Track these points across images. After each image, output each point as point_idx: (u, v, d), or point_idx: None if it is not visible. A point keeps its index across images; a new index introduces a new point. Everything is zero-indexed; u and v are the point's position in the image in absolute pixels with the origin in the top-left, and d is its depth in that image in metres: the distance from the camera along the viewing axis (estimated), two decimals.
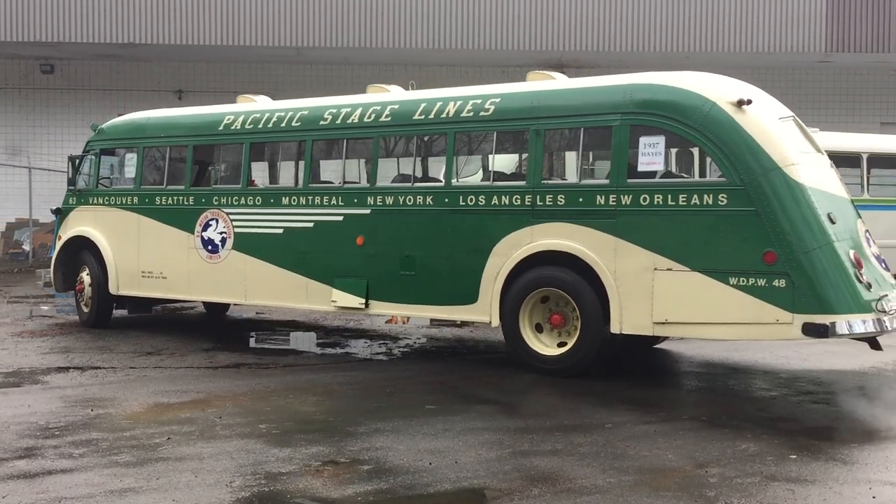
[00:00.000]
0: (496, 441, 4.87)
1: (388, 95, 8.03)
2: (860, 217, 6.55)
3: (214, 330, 9.48)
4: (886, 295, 5.93)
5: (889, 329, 5.86)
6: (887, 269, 6.40)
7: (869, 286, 5.87)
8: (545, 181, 6.83)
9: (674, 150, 6.72)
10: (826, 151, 13.54)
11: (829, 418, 5.53)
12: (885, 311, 5.82)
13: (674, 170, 6.80)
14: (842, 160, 13.17)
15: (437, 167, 7.57)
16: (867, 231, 6.49)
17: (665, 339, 7.84)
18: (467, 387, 6.43)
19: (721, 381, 6.67)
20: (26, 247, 20.96)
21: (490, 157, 7.43)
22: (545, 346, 6.78)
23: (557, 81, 7.22)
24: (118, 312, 9.73)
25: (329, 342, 8.76)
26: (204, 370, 7.08)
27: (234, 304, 9.86)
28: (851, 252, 5.95)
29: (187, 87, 21.81)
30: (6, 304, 11.91)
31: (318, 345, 8.71)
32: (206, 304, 10.24)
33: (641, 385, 6.46)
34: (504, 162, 7.55)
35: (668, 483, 4.14)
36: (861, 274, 5.86)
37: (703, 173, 6.44)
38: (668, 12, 19.55)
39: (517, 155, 7.41)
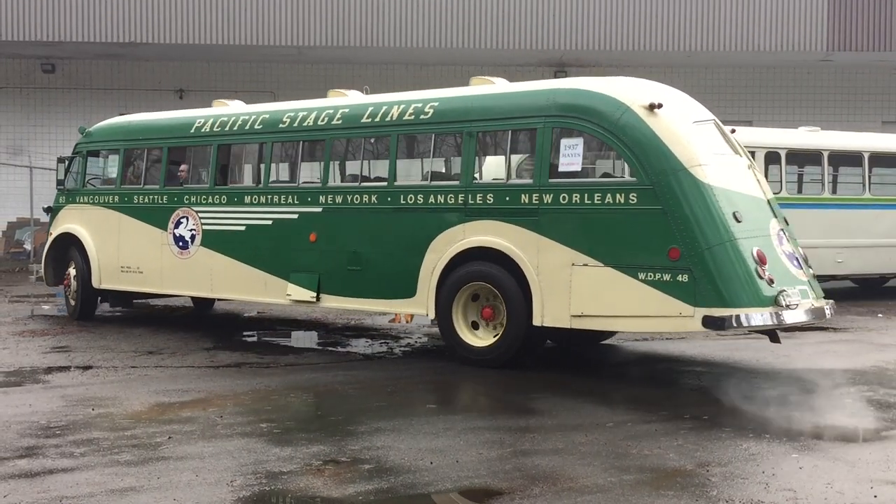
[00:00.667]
0: (497, 440, 4.86)
1: (341, 100, 8.41)
2: (777, 216, 6.83)
3: (216, 329, 9.48)
4: (784, 290, 6.15)
5: (786, 323, 6.17)
6: (800, 266, 6.66)
7: (771, 282, 6.14)
8: (476, 181, 7.18)
9: (605, 152, 7.04)
10: (827, 150, 13.43)
11: (831, 418, 5.52)
12: (783, 306, 6.08)
13: (607, 170, 7.11)
14: (843, 159, 13.18)
15: (384, 167, 7.93)
16: (782, 230, 6.77)
17: (613, 334, 8.10)
18: (468, 386, 6.43)
19: (722, 381, 6.67)
20: (27, 246, 20.96)
21: (430, 157, 7.72)
22: (477, 337, 7.09)
23: (494, 86, 7.53)
24: (132, 310, 9.76)
25: (330, 341, 8.76)
26: (205, 369, 7.08)
27: (199, 298, 10.33)
28: (755, 249, 6.20)
29: (188, 87, 21.80)
30: (7, 304, 11.91)
31: (320, 344, 8.71)
32: (193, 299, 10.53)
33: (643, 385, 6.46)
34: (441, 162, 7.92)
35: (669, 482, 4.14)
36: (763, 270, 6.13)
37: (618, 174, 6.77)
38: (670, 11, 19.52)
39: (454, 156, 7.77)
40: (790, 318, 6.16)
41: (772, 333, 6.52)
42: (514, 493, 3.97)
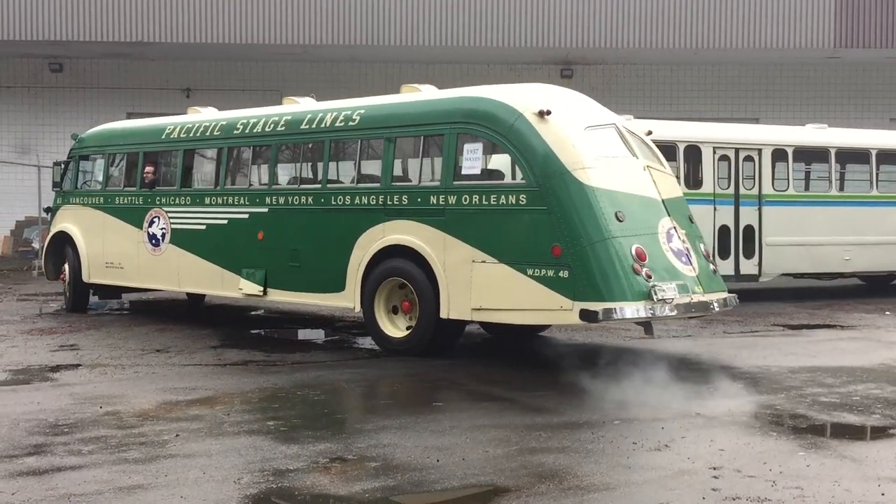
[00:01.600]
0: (503, 438, 4.87)
1: (288, 107, 9.07)
2: (671, 215, 7.11)
3: (223, 327, 9.50)
4: (658, 285, 6.48)
5: (659, 315, 6.49)
6: (689, 263, 6.96)
7: (648, 277, 6.49)
8: (395, 183, 7.70)
9: (502, 156, 7.38)
10: (835, 148, 13.42)
11: (838, 415, 5.51)
12: (655, 300, 6.42)
13: (504, 174, 7.38)
14: (851, 156, 13.14)
15: (320, 171, 8.54)
16: (674, 228, 7.06)
17: (548, 327, 8.42)
18: (474, 384, 6.43)
19: (729, 379, 6.66)
20: (35, 245, 21.03)
21: (356, 161, 8.20)
22: (396, 328, 7.61)
23: (415, 94, 8.07)
24: (142, 309, 9.78)
25: (337, 339, 8.77)
26: (212, 367, 7.10)
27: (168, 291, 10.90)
28: (634, 247, 6.56)
29: (195, 86, 21.84)
30: (16, 302, 11.96)
31: (326, 342, 8.72)
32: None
33: (650, 383, 6.45)
34: (367, 166, 8.31)
35: (676, 480, 4.13)
36: (640, 266, 6.50)
37: (512, 176, 7.10)
38: (676, 8, 19.47)
39: (376, 160, 8.18)
40: (661, 311, 6.49)
41: (646, 325, 6.85)
42: (520, 490, 3.97)
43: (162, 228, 9.67)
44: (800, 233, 12.38)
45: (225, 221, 9.03)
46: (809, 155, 12.82)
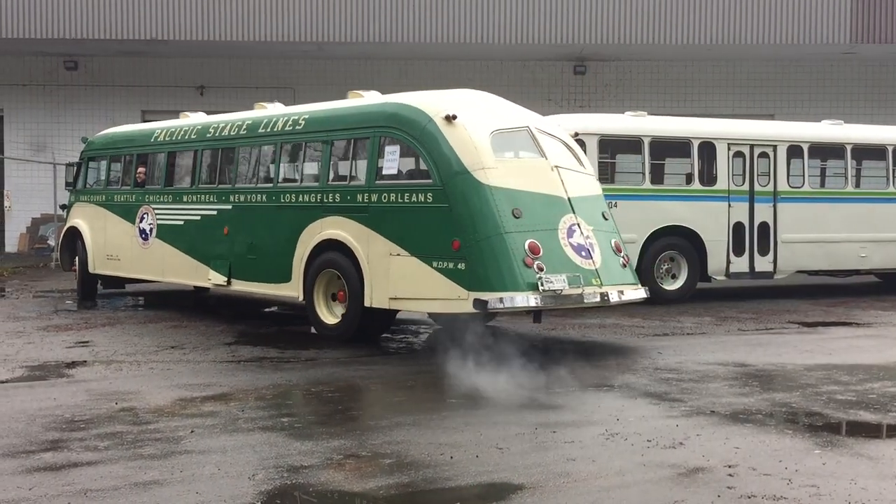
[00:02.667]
0: (517, 435, 4.86)
1: (251, 112, 9.89)
2: (575, 212, 7.49)
3: (236, 324, 9.54)
4: (545, 276, 6.91)
5: (543, 305, 6.92)
6: (589, 256, 7.35)
7: (541, 269, 6.93)
8: (330, 183, 8.34)
9: (415, 157, 7.99)
10: (851, 144, 13.41)
11: (854, 413, 5.47)
12: (541, 291, 6.86)
13: (417, 173, 7.98)
14: (867, 153, 13.04)
15: (273, 171, 9.24)
16: (576, 224, 7.43)
17: (495, 316, 8.82)
18: (488, 381, 6.42)
19: (743, 377, 6.63)
20: (51, 242, 21.16)
21: (301, 162, 8.95)
22: (332, 316, 8.26)
23: (357, 100, 8.64)
24: (157, 306, 9.83)
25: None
26: (226, 364, 7.13)
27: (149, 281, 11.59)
28: (528, 241, 7.02)
29: (209, 83, 21.91)
30: (32, 299, 12.05)
31: (340, 341, 8.73)
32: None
33: (663, 380, 6.43)
34: (310, 166, 8.94)
35: (691, 478, 4.12)
36: (533, 259, 6.97)
37: (423, 176, 7.64)
38: (690, 3, 19.37)
39: (317, 161, 8.83)
40: (549, 301, 6.93)
41: (535, 314, 7.24)
42: (534, 488, 3.97)
43: (150, 224, 10.63)
44: (815, 230, 12.30)
45: (199, 217, 9.92)
46: (825, 151, 12.73)
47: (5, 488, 3.94)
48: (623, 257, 7.76)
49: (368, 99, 8.53)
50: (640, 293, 7.68)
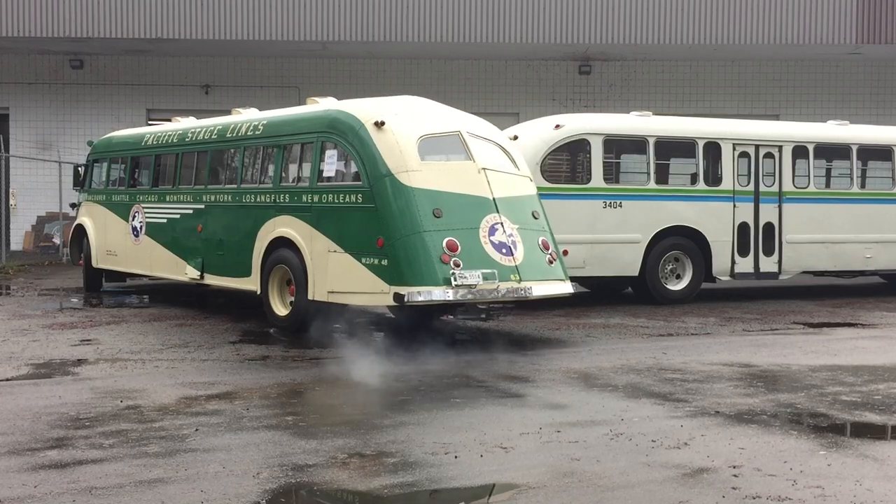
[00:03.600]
0: (522, 435, 4.86)
1: (223, 118, 10.72)
2: (499, 212, 7.87)
3: (241, 323, 9.55)
4: (458, 272, 7.33)
5: (456, 299, 7.34)
6: (510, 254, 7.71)
7: (457, 265, 7.36)
8: (282, 184, 8.93)
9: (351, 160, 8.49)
10: (856, 144, 13.41)
11: (860, 414, 5.46)
12: (454, 285, 7.28)
13: (352, 176, 8.45)
14: (873, 153, 13.01)
15: (237, 172, 9.93)
16: (499, 223, 7.81)
17: (446, 311, 9.13)
18: (492, 381, 6.43)
19: (747, 377, 6.62)
20: (56, 240, 21.20)
21: (260, 165, 9.55)
22: (285, 308, 8.80)
23: (309, 106, 9.23)
24: (160, 305, 9.85)
25: (354, 336, 8.79)
26: (231, 362, 7.14)
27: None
28: (446, 239, 7.45)
29: (214, 82, 21.94)
30: (37, 297, 12.08)
31: (344, 338, 8.73)
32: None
33: (667, 380, 6.43)
34: (267, 169, 9.49)
35: (696, 479, 4.11)
36: (450, 256, 7.40)
37: (355, 178, 8.11)
38: (696, 3, 19.34)
39: (272, 163, 9.39)
40: (463, 295, 7.34)
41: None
42: (539, 488, 3.97)
43: (140, 222, 11.42)
44: (820, 230, 12.28)
45: (178, 216, 10.68)
46: (830, 151, 12.70)
47: (11, 486, 3.95)
48: (550, 254, 8.11)
49: (321, 105, 8.99)
50: (564, 288, 8.12)
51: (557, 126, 11.21)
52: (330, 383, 6.27)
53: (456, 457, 4.42)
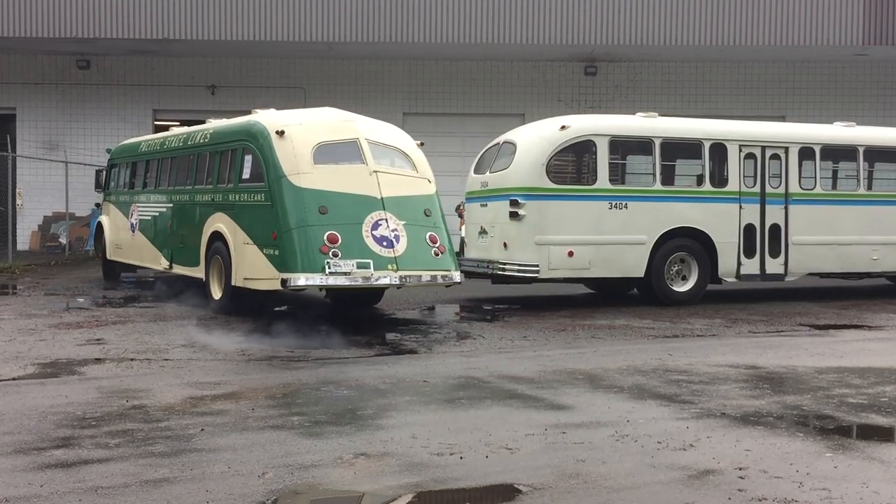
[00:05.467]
0: (527, 436, 4.85)
1: (189, 128, 12.37)
2: (386, 209, 8.98)
3: (246, 323, 9.56)
4: (333, 261, 8.48)
5: (329, 284, 8.60)
6: (390, 246, 8.78)
7: (335, 255, 8.52)
8: (218, 185, 10.33)
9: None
10: (863, 146, 13.41)
11: (866, 417, 5.44)
12: (328, 273, 8.47)
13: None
14: (879, 155, 12.97)
15: (193, 175, 11.35)
16: (384, 219, 8.91)
17: (379, 299, 10.97)
18: (497, 381, 6.42)
19: (753, 379, 6.60)
20: (63, 240, 21.25)
21: (206, 168, 10.86)
22: (220, 292, 10.06)
23: (244, 117, 10.47)
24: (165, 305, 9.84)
25: (360, 335, 8.80)
26: (237, 363, 7.15)
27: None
28: (328, 233, 8.62)
29: (220, 83, 21.97)
30: (43, 297, 12.10)
31: (350, 338, 8.74)
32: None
33: (673, 382, 6.41)
34: (212, 172, 10.76)
35: (701, 480, 4.10)
36: (329, 247, 8.56)
37: (261, 180, 9.31)
38: (702, 4, 19.32)
39: (215, 167, 10.71)
40: (334, 281, 8.53)
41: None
42: (544, 489, 3.96)
43: (136, 219, 13.08)
44: (827, 232, 12.25)
45: (157, 213, 12.30)
46: (837, 153, 12.67)
47: (17, 485, 3.95)
48: (437, 247, 9.11)
49: (251, 116, 10.21)
50: (449, 278, 9.11)
51: (563, 127, 11.20)
52: (335, 384, 6.27)
53: (461, 457, 4.42)
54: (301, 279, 8.47)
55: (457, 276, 9.23)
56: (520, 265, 10.82)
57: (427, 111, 22.23)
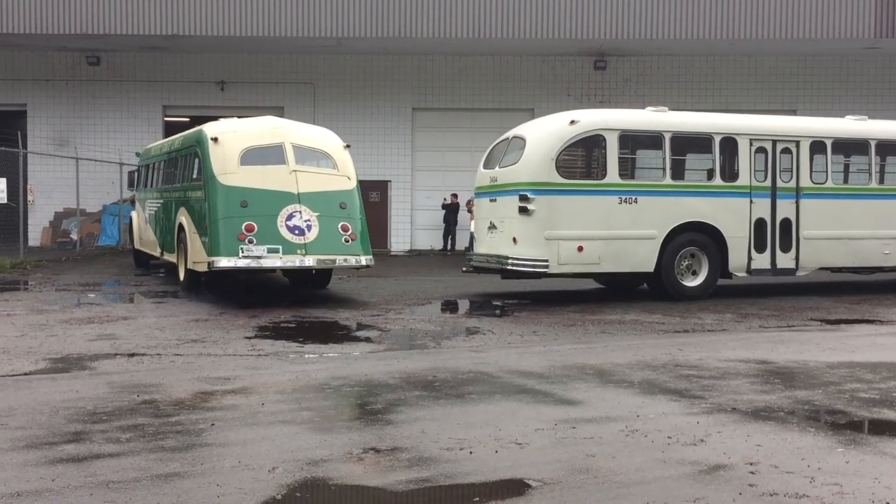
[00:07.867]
0: (537, 431, 4.85)
1: (178, 135, 13.85)
2: (301, 203, 10.66)
3: (257, 318, 9.59)
4: (246, 247, 10.21)
5: (242, 266, 10.22)
6: (301, 234, 10.44)
7: (251, 242, 10.26)
8: (182, 183, 12.21)
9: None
10: (875, 140, 13.36)
11: (878, 412, 5.41)
12: (241, 256, 10.17)
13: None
14: (891, 148, 12.89)
15: (174, 176, 13.19)
16: (297, 211, 10.59)
17: (328, 280, 12.99)
18: (506, 376, 6.42)
19: (764, 374, 6.58)
20: (74, 236, 21.33)
21: (178, 170, 12.71)
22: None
23: (213, 123, 12.02)
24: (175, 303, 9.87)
25: (370, 332, 8.81)
26: (247, 358, 7.16)
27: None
28: (246, 223, 10.35)
29: (229, 78, 22.00)
30: (55, 292, 12.16)
31: (360, 334, 8.76)
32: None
33: (683, 377, 6.39)
34: (182, 172, 12.51)
35: (712, 476, 4.09)
36: (246, 235, 10.28)
37: (201, 179, 11.00)
38: None
39: (180, 168, 12.68)
40: (246, 263, 10.21)
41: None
42: (553, 484, 3.95)
43: (148, 213, 15.12)
44: (838, 226, 12.19)
45: (155, 209, 14.37)
46: (849, 147, 12.60)
47: (29, 479, 3.97)
48: (349, 235, 10.71)
49: (203, 126, 11.79)
50: (358, 262, 10.64)
51: (572, 121, 11.17)
52: (344, 379, 6.28)
53: (471, 452, 4.41)
54: (223, 262, 10.13)
55: (364, 259, 10.67)
56: (529, 260, 10.81)
57: (436, 106, 22.21)
